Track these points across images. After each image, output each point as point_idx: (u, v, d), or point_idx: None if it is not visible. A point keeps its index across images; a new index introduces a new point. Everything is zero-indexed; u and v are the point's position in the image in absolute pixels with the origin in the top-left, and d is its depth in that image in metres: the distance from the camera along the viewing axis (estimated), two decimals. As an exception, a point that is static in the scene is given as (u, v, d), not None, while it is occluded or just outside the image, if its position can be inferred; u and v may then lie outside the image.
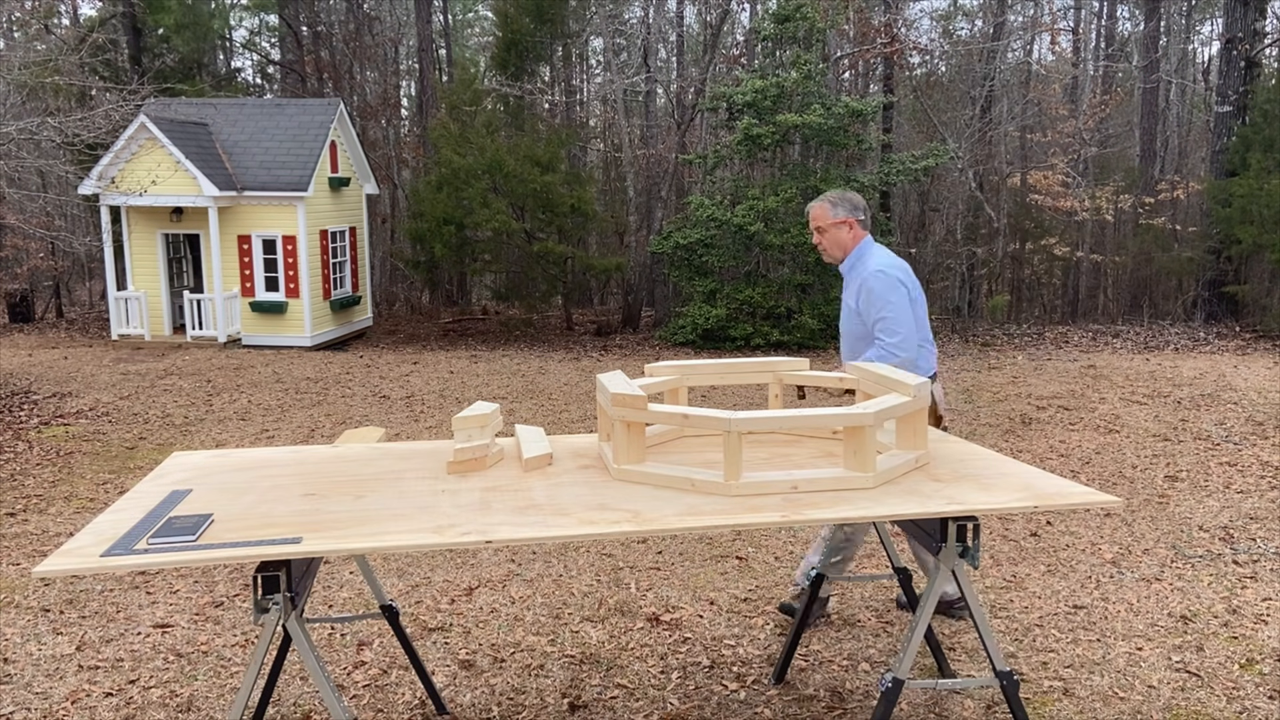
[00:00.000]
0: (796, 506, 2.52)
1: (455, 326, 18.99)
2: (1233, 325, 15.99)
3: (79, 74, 16.16)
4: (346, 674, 3.74)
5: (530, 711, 3.44)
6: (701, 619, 4.24)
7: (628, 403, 2.75)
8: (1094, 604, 4.35)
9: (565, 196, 16.82)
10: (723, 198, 16.10)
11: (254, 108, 16.97)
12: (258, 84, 27.13)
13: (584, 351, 15.13)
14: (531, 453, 2.89)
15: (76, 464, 7.28)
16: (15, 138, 10.11)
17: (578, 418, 9.04)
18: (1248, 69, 16.55)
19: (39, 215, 15.12)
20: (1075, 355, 13.27)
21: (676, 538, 5.29)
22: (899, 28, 19.50)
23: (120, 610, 4.39)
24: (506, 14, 20.71)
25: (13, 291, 18.75)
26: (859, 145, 16.01)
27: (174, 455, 3.07)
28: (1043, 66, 22.32)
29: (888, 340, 3.63)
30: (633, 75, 20.33)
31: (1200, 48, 26.70)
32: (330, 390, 10.72)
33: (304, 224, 15.52)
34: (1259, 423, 8.26)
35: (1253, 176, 15.17)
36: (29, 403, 9.78)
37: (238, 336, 15.64)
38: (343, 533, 2.33)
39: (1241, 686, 3.56)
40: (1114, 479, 6.54)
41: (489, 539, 2.30)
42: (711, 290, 15.34)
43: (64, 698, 3.57)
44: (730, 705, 3.47)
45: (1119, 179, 19.30)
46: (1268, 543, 5.16)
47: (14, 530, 5.64)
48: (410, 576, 4.77)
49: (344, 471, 2.86)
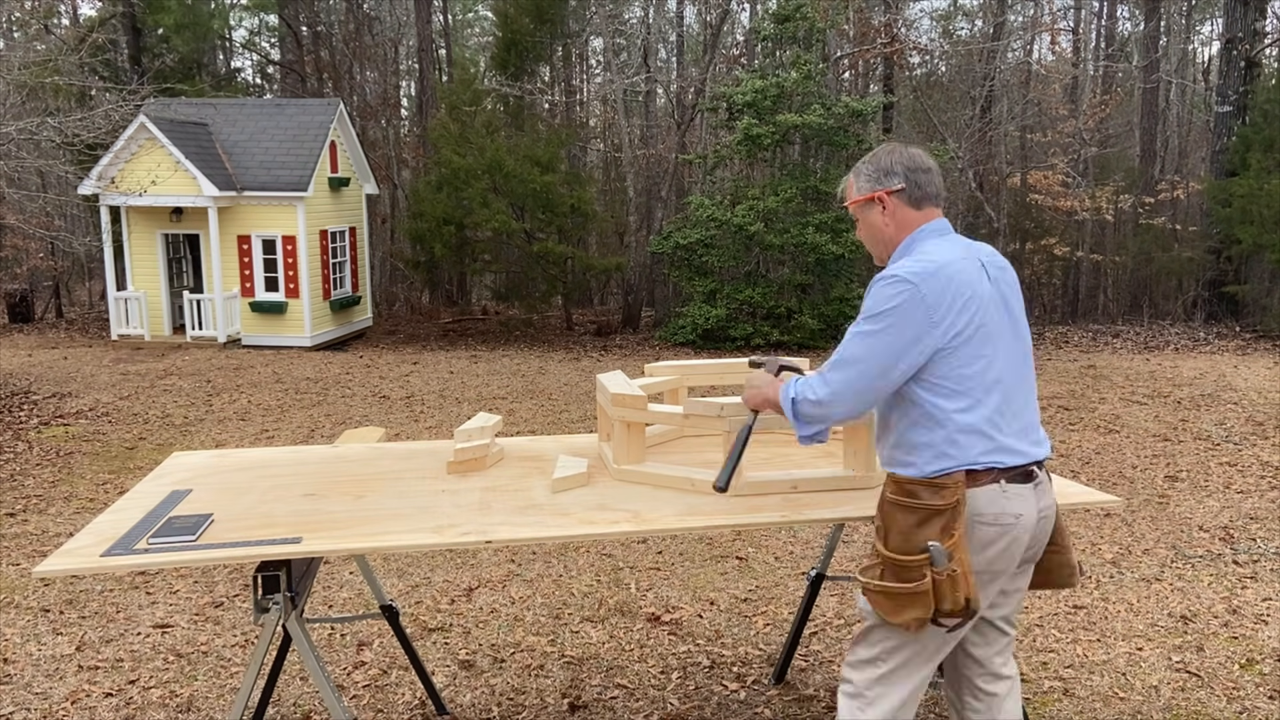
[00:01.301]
0: (796, 506, 2.52)
1: (455, 326, 18.98)
2: (1233, 325, 15.99)
3: (79, 74, 16.16)
4: (346, 674, 3.74)
5: (530, 711, 3.44)
6: (701, 619, 4.24)
7: (628, 403, 2.75)
8: (1094, 604, 4.35)
9: (565, 196, 16.82)
10: (723, 198, 16.10)
11: (254, 108, 16.96)
12: (258, 84, 27.13)
13: (584, 351, 15.12)
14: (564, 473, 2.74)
15: (76, 464, 7.28)
16: (15, 138, 10.11)
17: (578, 418, 9.03)
18: (1248, 69, 16.55)
19: (39, 215, 15.10)
20: (1075, 355, 13.26)
21: (676, 538, 5.29)
22: (899, 28, 19.50)
23: (120, 610, 4.39)
24: (506, 14, 20.70)
25: (13, 291, 18.74)
26: (859, 145, 16.00)
27: (174, 455, 3.07)
28: (1043, 66, 22.30)
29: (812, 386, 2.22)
30: (633, 75, 20.33)
31: (1200, 48, 26.70)
32: (330, 390, 10.72)
33: (304, 224, 15.51)
34: (1259, 423, 8.26)
35: (1253, 176, 15.16)
36: (29, 403, 9.78)
37: (237, 337, 15.63)
38: (343, 533, 2.33)
39: (1241, 686, 3.56)
40: (1114, 479, 6.54)
41: (489, 539, 2.30)
42: (711, 290, 15.34)
43: (64, 698, 3.57)
44: (730, 705, 3.47)
45: (1119, 179, 19.29)
46: (1268, 543, 5.16)
47: (14, 530, 5.64)
48: (410, 576, 4.77)
49: (344, 471, 2.86)
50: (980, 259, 2.22)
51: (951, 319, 2.11)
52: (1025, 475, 2.17)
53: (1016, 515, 2.14)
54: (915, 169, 2.30)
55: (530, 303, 18.16)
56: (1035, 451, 2.20)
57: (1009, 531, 2.14)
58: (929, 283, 2.11)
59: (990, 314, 2.15)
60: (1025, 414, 2.21)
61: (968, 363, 2.12)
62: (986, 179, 19.31)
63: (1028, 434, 2.21)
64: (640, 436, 2.80)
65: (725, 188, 16.57)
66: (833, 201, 15.48)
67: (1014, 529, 2.15)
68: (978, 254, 2.23)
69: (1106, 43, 23.49)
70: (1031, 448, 2.20)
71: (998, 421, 2.14)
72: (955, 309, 2.11)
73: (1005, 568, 2.20)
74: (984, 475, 2.13)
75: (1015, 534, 2.16)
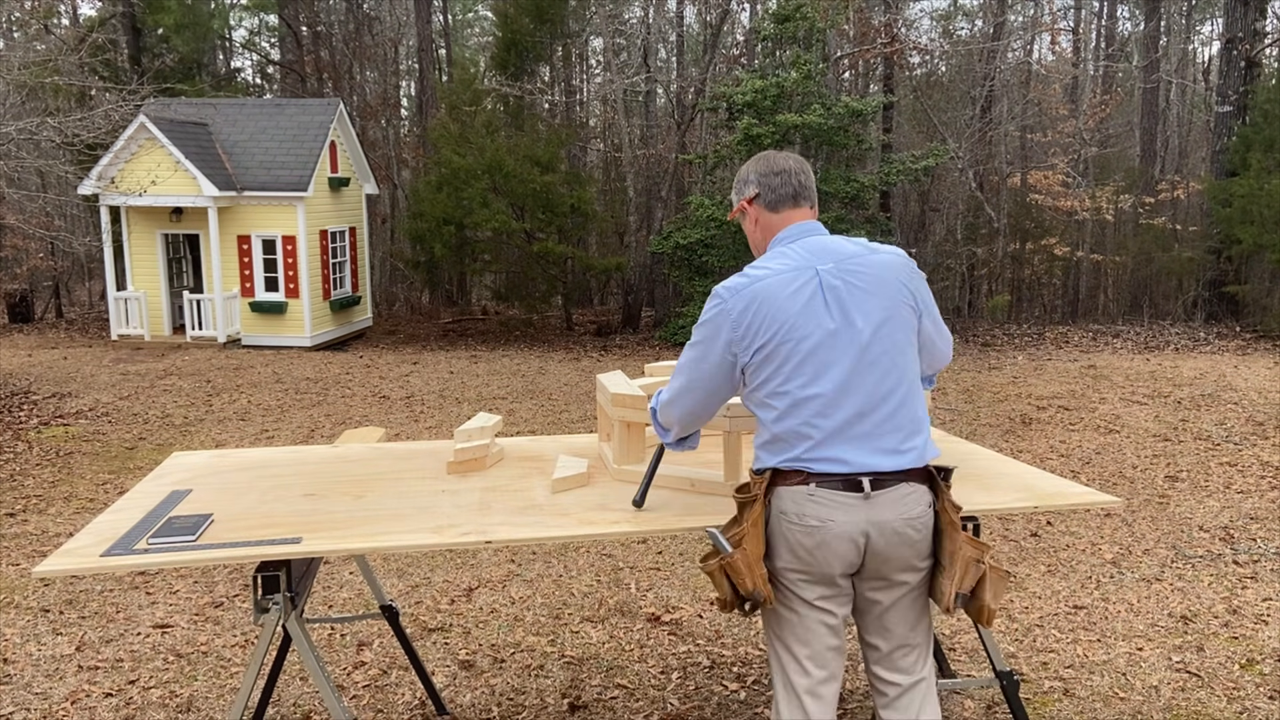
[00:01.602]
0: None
1: (455, 326, 18.98)
2: (1233, 325, 15.99)
3: (79, 74, 16.16)
4: (346, 674, 3.74)
5: (530, 712, 3.44)
6: (701, 619, 4.24)
7: (628, 403, 2.75)
8: (1094, 604, 4.35)
9: (565, 196, 16.82)
10: (723, 198, 16.10)
11: (254, 108, 16.96)
12: (258, 84, 27.14)
13: (584, 351, 15.12)
14: (564, 473, 2.73)
15: (76, 464, 7.28)
16: (15, 138, 10.11)
17: (578, 418, 9.03)
18: (1248, 69, 16.55)
19: (39, 215, 15.11)
20: (1075, 355, 13.26)
21: (676, 538, 5.29)
22: (899, 28, 19.51)
23: (120, 610, 4.39)
24: (506, 14, 20.70)
25: (12, 291, 18.75)
26: (859, 145, 16.02)
27: (174, 455, 3.06)
28: (1043, 66, 22.30)
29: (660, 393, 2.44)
30: (633, 75, 20.32)
31: (1200, 48, 26.71)
32: (330, 390, 10.72)
33: (304, 224, 15.51)
34: (1259, 423, 8.26)
35: (1253, 176, 15.17)
36: (29, 403, 9.78)
37: (237, 337, 15.63)
38: (343, 533, 2.33)
39: (1242, 687, 3.56)
40: (1114, 479, 6.54)
41: (488, 539, 2.30)
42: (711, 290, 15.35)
43: (64, 698, 3.57)
44: (730, 705, 3.47)
45: (1119, 179, 19.30)
46: (1268, 543, 5.16)
47: (14, 530, 5.64)
48: (410, 577, 4.77)
49: (344, 471, 2.86)
50: (818, 267, 2.18)
51: (754, 335, 2.15)
52: (849, 484, 2.13)
53: (824, 519, 2.12)
54: (768, 173, 2.32)
55: (530, 303, 18.17)
56: (873, 462, 2.13)
57: (815, 533, 2.13)
58: (736, 298, 2.19)
59: (807, 328, 2.14)
60: (867, 423, 2.14)
61: (775, 376, 2.15)
62: (986, 179, 19.32)
63: (869, 442, 2.14)
64: (640, 436, 2.80)
65: (725, 188, 16.57)
66: (833, 202, 15.49)
67: (821, 532, 2.13)
68: (817, 262, 2.19)
69: (1106, 43, 23.50)
70: (869, 457, 2.13)
71: (814, 430, 2.13)
72: (758, 325, 2.15)
73: (821, 570, 2.16)
74: (792, 476, 2.16)
75: (823, 538, 2.13)
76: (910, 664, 2.29)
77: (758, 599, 2.18)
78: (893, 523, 2.15)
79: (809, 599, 2.20)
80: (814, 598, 2.20)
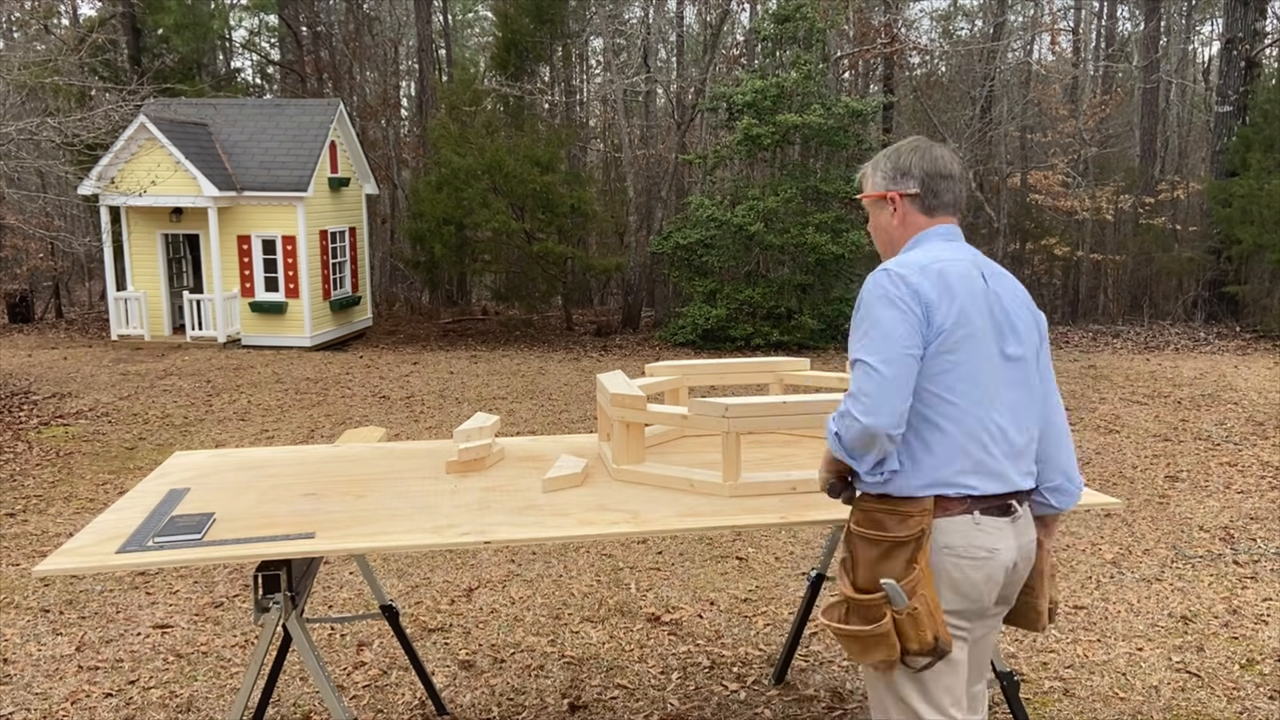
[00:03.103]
0: (796, 507, 2.52)
1: (455, 327, 18.98)
2: (1233, 325, 15.99)
3: (79, 74, 16.16)
4: (346, 674, 3.74)
5: (530, 712, 3.44)
6: (701, 619, 4.24)
7: (627, 403, 2.75)
8: (1094, 604, 4.35)
9: (565, 196, 16.82)
10: (723, 198, 16.10)
11: (254, 108, 16.96)
12: (257, 84, 27.12)
13: (584, 351, 15.12)
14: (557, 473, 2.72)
15: (76, 464, 7.28)
16: (15, 138, 10.11)
17: (578, 418, 9.03)
18: (1248, 69, 16.55)
19: (39, 215, 15.11)
20: (1075, 355, 13.26)
21: (676, 538, 5.29)
22: (899, 28, 19.51)
23: (120, 611, 4.39)
24: (506, 14, 20.70)
25: (12, 292, 18.74)
26: (859, 145, 16.00)
27: (174, 455, 3.06)
28: (1043, 66, 22.30)
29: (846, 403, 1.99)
30: (633, 75, 20.32)
31: (1200, 48, 26.70)
32: (330, 390, 10.72)
33: (304, 224, 15.51)
34: (1259, 423, 8.26)
35: (1253, 176, 15.16)
36: (29, 403, 9.78)
37: (237, 337, 15.63)
38: (343, 533, 2.33)
39: (1242, 687, 3.56)
40: (1114, 479, 6.54)
41: (488, 539, 2.30)
42: (711, 290, 15.34)
43: (64, 698, 3.57)
44: (730, 705, 3.47)
45: (1119, 179, 19.30)
46: (1268, 543, 5.16)
47: (14, 530, 5.64)
48: (410, 577, 4.77)
49: (344, 471, 2.86)
50: (982, 269, 2.07)
51: (942, 316, 1.95)
52: (1002, 508, 1.99)
53: (991, 549, 1.97)
54: (935, 175, 2.12)
55: (530, 303, 18.17)
56: (1020, 482, 2.01)
57: (983, 566, 1.97)
58: (922, 276, 1.98)
59: (980, 321, 1.98)
60: (1021, 440, 2.02)
61: (955, 367, 1.95)
62: (986, 179, 19.32)
63: (1019, 463, 2.02)
64: (640, 437, 2.80)
65: (725, 188, 16.57)
66: (833, 202, 15.49)
67: (989, 564, 1.97)
68: (981, 265, 2.08)
69: (1106, 43, 23.50)
70: (1020, 478, 2.02)
71: (982, 438, 1.96)
72: (944, 305, 1.96)
73: (982, 605, 2.01)
74: (955, 504, 1.96)
75: (990, 570, 1.97)
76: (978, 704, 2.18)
77: (944, 651, 1.92)
78: (1028, 546, 2.06)
79: (967, 640, 2.02)
80: (968, 637, 2.03)
